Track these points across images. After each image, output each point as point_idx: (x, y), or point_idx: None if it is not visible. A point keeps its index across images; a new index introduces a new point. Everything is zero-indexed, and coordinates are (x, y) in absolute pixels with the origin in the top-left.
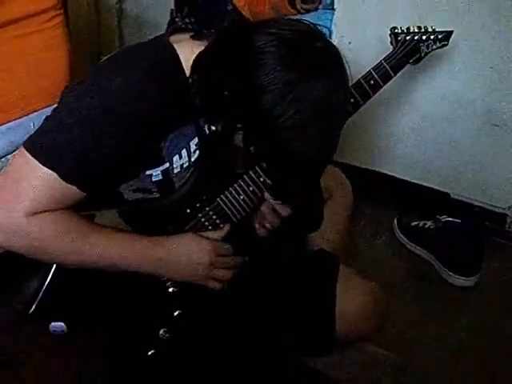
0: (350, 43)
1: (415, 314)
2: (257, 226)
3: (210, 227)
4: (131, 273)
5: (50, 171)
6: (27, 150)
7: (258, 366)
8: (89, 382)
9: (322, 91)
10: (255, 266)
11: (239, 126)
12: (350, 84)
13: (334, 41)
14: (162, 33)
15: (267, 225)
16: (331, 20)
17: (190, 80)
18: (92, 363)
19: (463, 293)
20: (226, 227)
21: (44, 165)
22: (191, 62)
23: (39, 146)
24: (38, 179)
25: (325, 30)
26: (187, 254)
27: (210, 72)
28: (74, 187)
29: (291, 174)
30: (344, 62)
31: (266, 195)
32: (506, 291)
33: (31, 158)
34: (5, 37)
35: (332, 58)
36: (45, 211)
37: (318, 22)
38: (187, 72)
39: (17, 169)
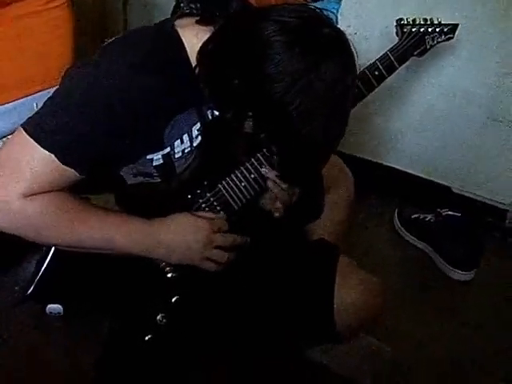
0: (355, 33)
1: (413, 307)
2: (267, 202)
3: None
4: (129, 257)
5: (49, 153)
6: (26, 132)
7: (255, 354)
8: (85, 366)
9: (330, 78)
10: (255, 255)
11: (250, 113)
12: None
13: None
14: (167, 17)
15: (277, 203)
16: (337, 9)
17: (197, 69)
18: (88, 346)
19: (461, 287)
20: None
21: (43, 147)
22: (195, 48)
23: (39, 128)
24: (36, 161)
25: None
26: (182, 232)
27: (218, 62)
28: (73, 170)
29: (300, 158)
30: (352, 47)
31: (271, 174)
32: (504, 286)
33: (30, 139)
34: (9, 16)
35: (340, 44)
36: (40, 192)
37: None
38: (191, 57)
39: (15, 149)
